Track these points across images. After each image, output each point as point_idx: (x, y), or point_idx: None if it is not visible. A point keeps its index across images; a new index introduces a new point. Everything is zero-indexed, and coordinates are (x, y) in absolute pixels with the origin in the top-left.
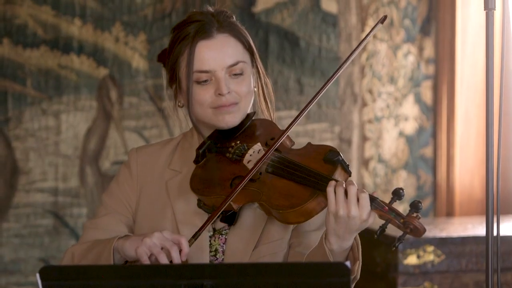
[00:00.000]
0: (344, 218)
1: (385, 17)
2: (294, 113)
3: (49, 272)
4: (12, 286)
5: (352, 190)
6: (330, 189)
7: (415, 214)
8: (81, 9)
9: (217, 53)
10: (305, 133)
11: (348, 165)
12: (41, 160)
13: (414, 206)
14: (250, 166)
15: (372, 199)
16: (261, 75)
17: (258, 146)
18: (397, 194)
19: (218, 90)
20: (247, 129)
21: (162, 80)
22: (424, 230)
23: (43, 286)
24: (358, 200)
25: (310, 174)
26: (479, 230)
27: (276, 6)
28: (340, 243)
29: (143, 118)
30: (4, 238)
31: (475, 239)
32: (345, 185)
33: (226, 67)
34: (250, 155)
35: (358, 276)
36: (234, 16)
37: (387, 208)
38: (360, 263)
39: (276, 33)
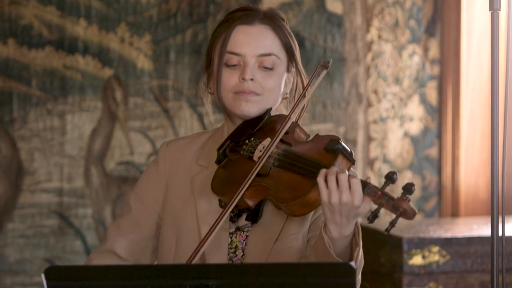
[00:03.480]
0: (336, 205)
1: (328, 62)
2: None
3: (54, 272)
4: (17, 286)
5: (343, 177)
6: (319, 179)
7: (406, 197)
8: (86, 10)
9: (252, 40)
10: (311, 133)
11: (350, 152)
12: (46, 160)
13: (407, 189)
14: (262, 162)
15: (365, 184)
16: (303, 78)
17: (267, 141)
18: (390, 178)
19: (242, 75)
20: (264, 126)
21: (167, 81)
22: (414, 213)
23: (48, 286)
24: (350, 186)
25: (310, 164)
26: (484, 230)
27: (281, 6)
28: (339, 230)
29: (148, 118)
30: (9, 239)
31: (480, 239)
32: (337, 172)
33: (257, 55)
34: (260, 151)
35: (361, 262)
36: (285, 21)
37: (380, 193)
38: (360, 248)
39: None
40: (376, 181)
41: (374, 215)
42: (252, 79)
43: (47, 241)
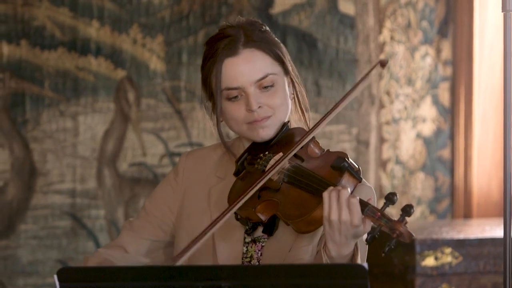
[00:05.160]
0: (336, 223)
1: (387, 61)
2: (312, 115)
3: (66, 274)
4: (29, 287)
5: (343, 195)
6: (325, 195)
7: (403, 219)
8: (98, 11)
9: (244, 69)
10: (323, 135)
11: (357, 170)
12: (58, 161)
13: (406, 211)
14: (271, 175)
15: (365, 205)
16: (295, 84)
17: (279, 156)
18: (390, 199)
19: (248, 106)
20: (282, 139)
21: (180, 82)
22: (410, 236)
23: (61, 287)
24: (349, 205)
25: (316, 182)
26: (497, 231)
27: (294, 8)
28: (338, 249)
29: (160, 119)
30: (22, 240)
31: (493, 241)
32: (339, 189)
33: (254, 82)
34: (271, 165)
35: None
36: (265, 26)
37: (379, 214)
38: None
39: (294, 35)
40: (388, 182)
41: (372, 237)
42: (259, 107)
43: (60, 242)
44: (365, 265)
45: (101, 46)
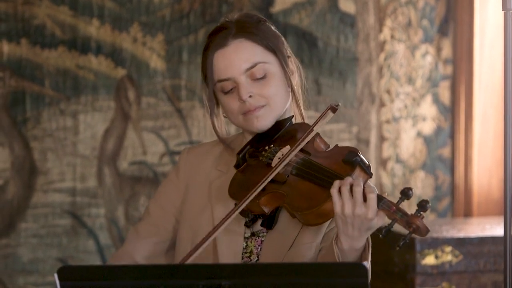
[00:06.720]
0: (349, 217)
1: (337, 106)
2: (312, 113)
3: (67, 272)
4: (30, 286)
5: (357, 189)
6: (333, 190)
7: (420, 214)
8: (99, 10)
9: (232, 59)
10: (323, 133)
11: (368, 165)
12: (59, 160)
13: (421, 206)
14: (277, 168)
15: (380, 198)
16: (287, 76)
17: (286, 149)
18: (405, 194)
19: (239, 96)
20: (285, 133)
21: (180, 81)
22: (427, 230)
23: (61, 286)
24: (365, 199)
25: (328, 175)
26: (497, 230)
27: (294, 6)
28: (351, 242)
29: (161, 118)
30: (22, 238)
31: (493, 239)
32: (351, 183)
33: (243, 71)
34: (278, 158)
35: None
36: (263, 19)
37: (394, 208)
38: (369, 263)
39: (294, 34)
40: (388, 180)
41: (387, 230)
42: (250, 96)
43: (60, 240)
44: (366, 264)
45: (101, 44)
